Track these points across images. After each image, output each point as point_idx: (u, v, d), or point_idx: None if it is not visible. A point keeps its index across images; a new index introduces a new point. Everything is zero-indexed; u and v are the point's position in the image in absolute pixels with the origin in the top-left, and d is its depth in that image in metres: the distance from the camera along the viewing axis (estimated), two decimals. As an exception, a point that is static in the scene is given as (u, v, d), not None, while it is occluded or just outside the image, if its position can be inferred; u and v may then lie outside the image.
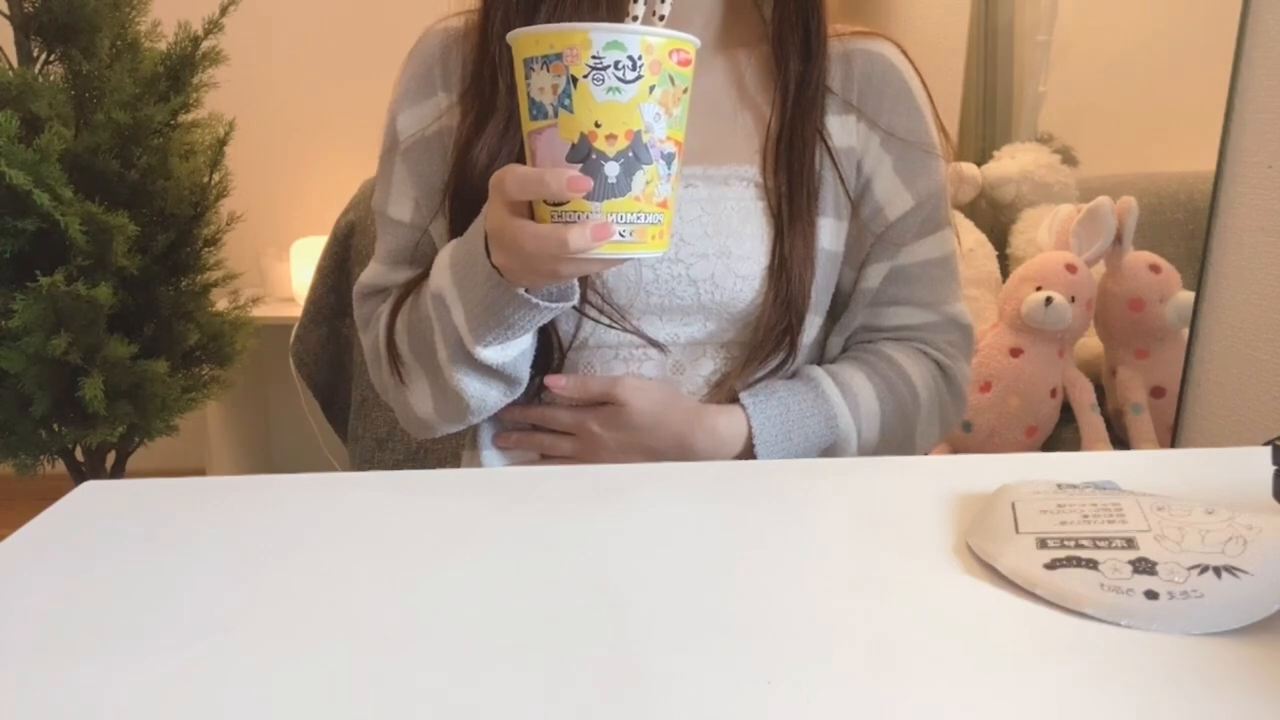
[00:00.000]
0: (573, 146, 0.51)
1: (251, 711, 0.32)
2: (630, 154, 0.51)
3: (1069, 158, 1.60)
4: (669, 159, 0.53)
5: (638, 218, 0.53)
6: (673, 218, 0.56)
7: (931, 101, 0.77)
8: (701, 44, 0.74)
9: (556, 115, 0.51)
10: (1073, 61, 1.57)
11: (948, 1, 1.93)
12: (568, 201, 0.52)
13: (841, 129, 0.74)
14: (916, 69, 0.77)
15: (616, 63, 0.50)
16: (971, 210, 1.74)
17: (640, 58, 0.50)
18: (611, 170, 0.51)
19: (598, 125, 0.51)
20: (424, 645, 0.36)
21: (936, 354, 0.78)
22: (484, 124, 0.70)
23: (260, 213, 2.32)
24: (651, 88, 0.51)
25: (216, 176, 1.90)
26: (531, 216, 0.55)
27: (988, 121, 1.82)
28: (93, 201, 1.63)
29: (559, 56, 0.50)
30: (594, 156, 0.51)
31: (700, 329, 0.73)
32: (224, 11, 1.81)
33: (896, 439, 0.75)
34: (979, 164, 1.76)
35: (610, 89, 0.50)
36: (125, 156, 1.72)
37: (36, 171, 1.55)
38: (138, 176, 1.74)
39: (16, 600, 0.41)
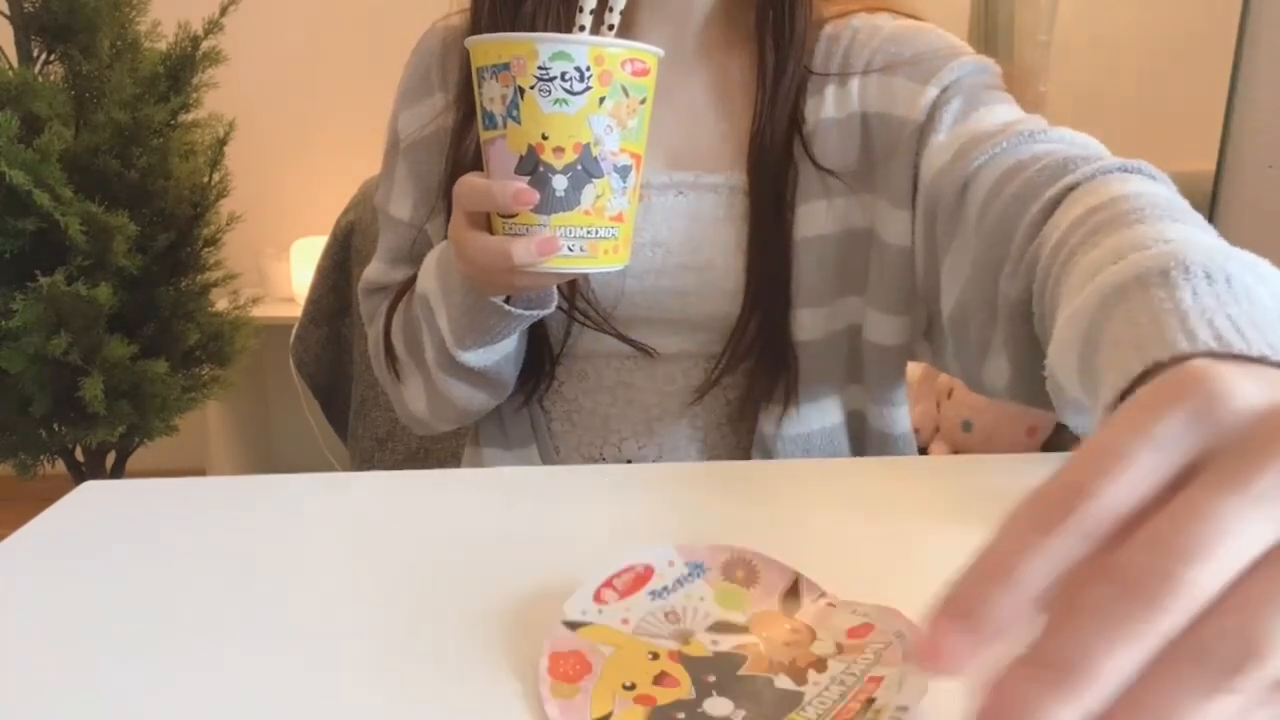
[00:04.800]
0: (521, 158, 0.50)
1: (251, 711, 0.32)
2: (579, 167, 0.50)
3: (1069, 158, 1.60)
4: (624, 172, 0.52)
5: (588, 232, 0.52)
6: (631, 231, 0.54)
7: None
8: (690, 47, 0.74)
9: (505, 126, 0.50)
10: (1073, 61, 1.57)
11: (948, 1, 1.93)
12: (517, 214, 0.51)
13: (816, 106, 0.71)
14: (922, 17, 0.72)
15: (563, 74, 0.49)
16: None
17: (589, 69, 0.49)
18: (559, 183, 0.50)
19: (545, 137, 0.50)
20: (424, 645, 0.36)
21: (1115, 169, 0.51)
22: (472, 121, 0.70)
23: (260, 213, 2.32)
24: (601, 99, 0.50)
25: (216, 176, 1.91)
26: (489, 227, 0.54)
27: (988, 121, 1.82)
28: (93, 201, 1.63)
29: (506, 66, 0.49)
30: (541, 169, 0.50)
31: (689, 339, 0.72)
32: (224, 11, 1.82)
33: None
34: (979, 164, 1.75)
35: (557, 100, 0.49)
36: (125, 156, 1.73)
37: (36, 171, 1.55)
38: (138, 176, 1.74)
39: (16, 600, 0.41)
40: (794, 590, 0.40)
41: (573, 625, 0.37)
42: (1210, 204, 1.16)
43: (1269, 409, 0.22)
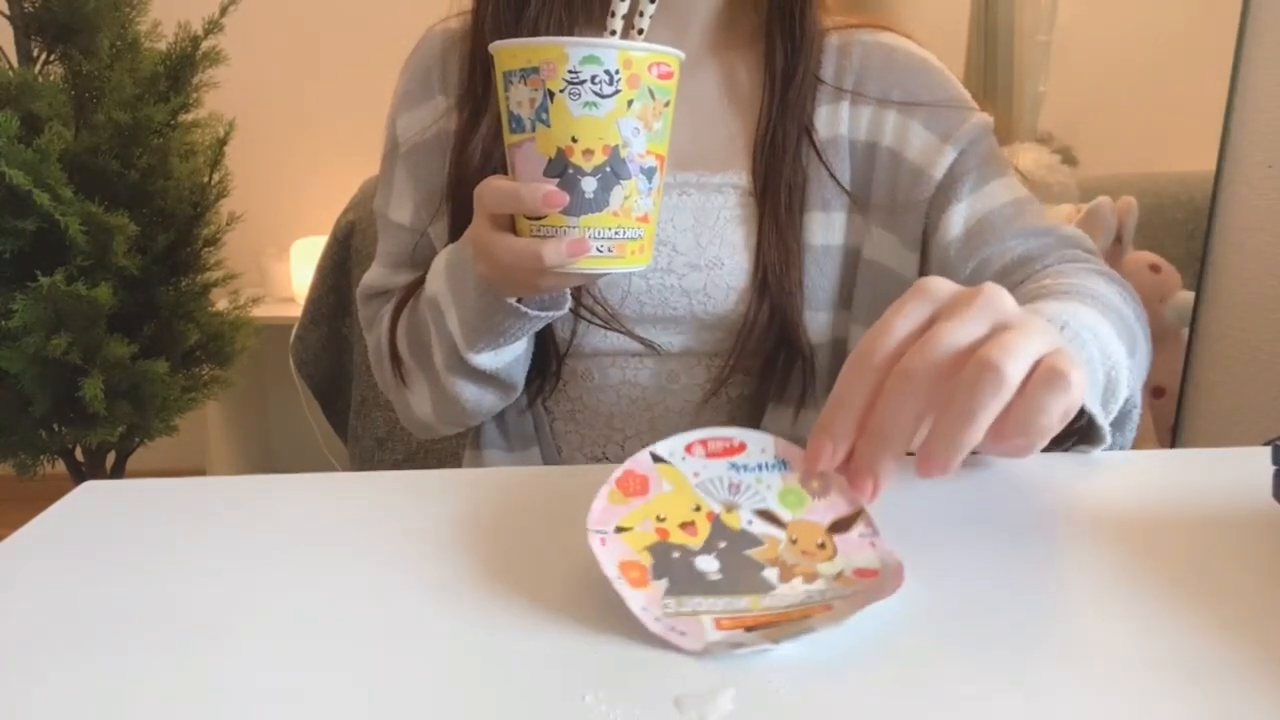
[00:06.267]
0: (550, 161, 0.51)
1: (250, 711, 0.32)
2: (608, 169, 0.51)
3: (1069, 158, 1.60)
4: (649, 173, 0.52)
5: (616, 233, 0.52)
6: (655, 231, 0.55)
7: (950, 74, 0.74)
8: (695, 48, 0.75)
9: (534, 129, 0.51)
10: (1073, 61, 1.56)
11: (948, 1, 1.93)
12: (545, 216, 0.52)
13: (830, 117, 0.72)
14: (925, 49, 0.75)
15: (593, 77, 0.49)
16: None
17: (618, 72, 0.49)
18: (589, 185, 0.51)
19: (574, 140, 0.50)
20: (424, 645, 0.36)
21: (1083, 264, 0.65)
22: (477, 123, 0.70)
23: (260, 213, 2.33)
24: (630, 102, 0.50)
25: (216, 176, 1.91)
26: (513, 229, 0.55)
27: (987, 121, 1.82)
28: (93, 201, 1.63)
29: (536, 70, 0.49)
30: (571, 171, 0.50)
31: (694, 338, 0.73)
32: (224, 11, 1.82)
33: (1137, 351, 0.58)
34: (979, 164, 1.75)
35: (587, 104, 0.49)
36: (125, 156, 1.73)
37: (36, 171, 1.55)
38: (138, 176, 1.74)
39: (16, 600, 0.41)
40: (852, 519, 0.42)
41: (656, 458, 0.44)
42: (1210, 204, 1.16)
43: (961, 289, 0.41)
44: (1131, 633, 0.36)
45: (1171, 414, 1.22)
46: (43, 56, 1.74)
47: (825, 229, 0.72)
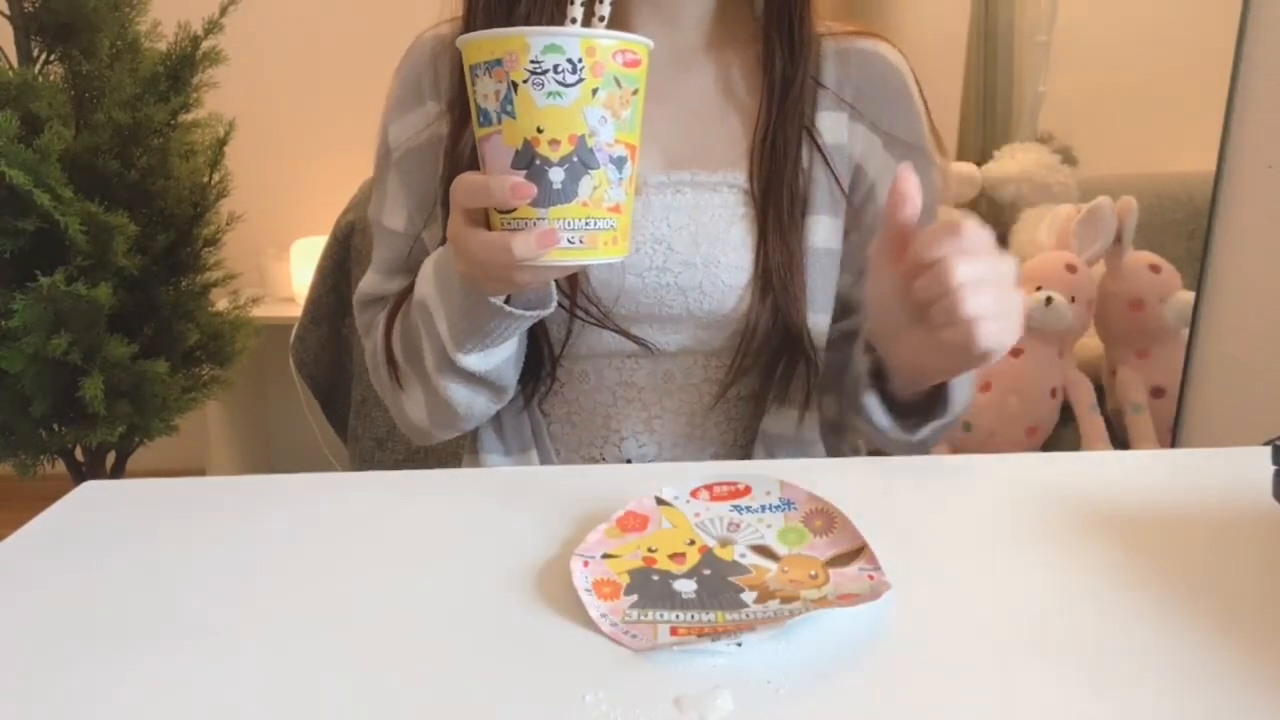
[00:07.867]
0: (516, 153, 0.51)
1: (250, 710, 0.33)
2: (575, 159, 0.50)
3: (1069, 158, 1.60)
4: (619, 163, 0.52)
5: (586, 224, 0.52)
6: (629, 222, 0.55)
7: (925, 103, 0.76)
8: (688, 45, 0.74)
9: (500, 121, 0.51)
10: (1073, 61, 1.57)
11: (948, 1, 1.93)
12: (515, 209, 0.51)
13: (833, 125, 0.73)
14: (912, 70, 0.76)
15: (556, 66, 0.49)
16: (971, 210, 1.74)
17: (580, 60, 0.49)
18: (556, 176, 0.50)
19: (540, 131, 0.50)
20: (423, 645, 0.36)
21: None
22: (467, 125, 0.70)
23: (260, 213, 2.32)
24: (594, 90, 0.50)
25: (216, 176, 1.90)
26: (488, 224, 0.54)
27: (988, 121, 1.82)
28: (93, 201, 1.63)
29: (499, 62, 0.49)
30: (538, 163, 0.50)
31: (691, 337, 0.73)
32: (224, 11, 1.81)
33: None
34: (979, 164, 1.76)
35: (550, 93, 0.49)
36: (125, 156, 1.73)
37: (36, 171, 1.55)
38: (138, 176, 1.74)
39: (16, 600, 0.41)
40: (854, 554, 0.42)
41: (660, 502, 0.46)
42: (1210, 204, 1.16)
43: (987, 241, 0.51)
44: (1131, 632, 0.36)
45: (1171, 414, 1.22)
46: (43, 56, 1.74)
47: (827, 232, 0.72)
